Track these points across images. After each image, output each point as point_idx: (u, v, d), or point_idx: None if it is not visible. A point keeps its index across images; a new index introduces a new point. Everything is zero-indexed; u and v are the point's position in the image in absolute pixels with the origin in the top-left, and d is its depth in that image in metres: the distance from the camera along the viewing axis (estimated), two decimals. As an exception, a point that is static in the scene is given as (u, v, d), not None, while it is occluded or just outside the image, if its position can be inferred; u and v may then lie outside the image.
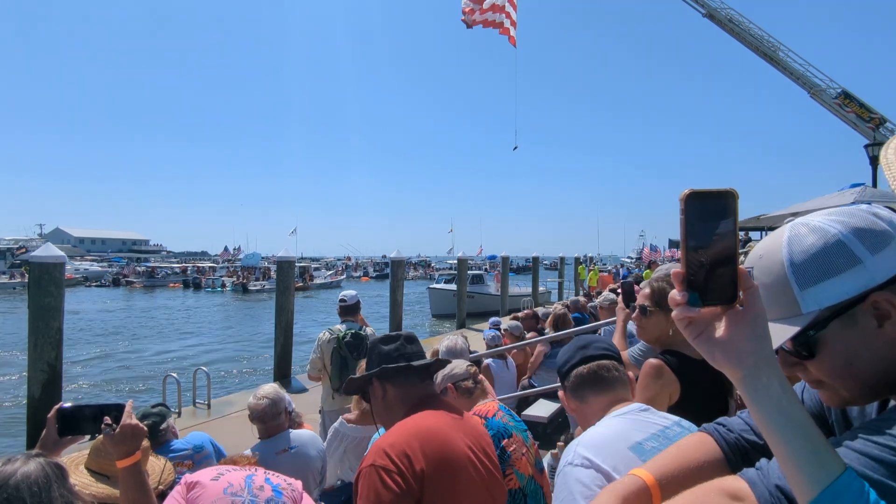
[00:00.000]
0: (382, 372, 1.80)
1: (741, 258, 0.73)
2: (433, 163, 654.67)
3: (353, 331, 4.97)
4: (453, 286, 26.70)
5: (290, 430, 3.05)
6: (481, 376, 2.58)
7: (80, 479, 1.98)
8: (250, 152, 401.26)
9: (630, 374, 1.71)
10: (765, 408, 0.70)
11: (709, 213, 0.71)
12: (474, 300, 24.36)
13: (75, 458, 2.09)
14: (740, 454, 1.02)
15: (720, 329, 0.73)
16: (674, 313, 0.74)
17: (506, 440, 2.14)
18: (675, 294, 0.73)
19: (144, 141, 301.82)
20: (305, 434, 3.12)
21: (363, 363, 3.43)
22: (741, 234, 22.75)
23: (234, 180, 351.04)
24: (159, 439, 2.92)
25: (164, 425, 2.97)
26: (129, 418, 1.69)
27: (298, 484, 1.92)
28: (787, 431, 0.68)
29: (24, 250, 51.87)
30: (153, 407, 3.08)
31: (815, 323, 0.77)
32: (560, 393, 1.70)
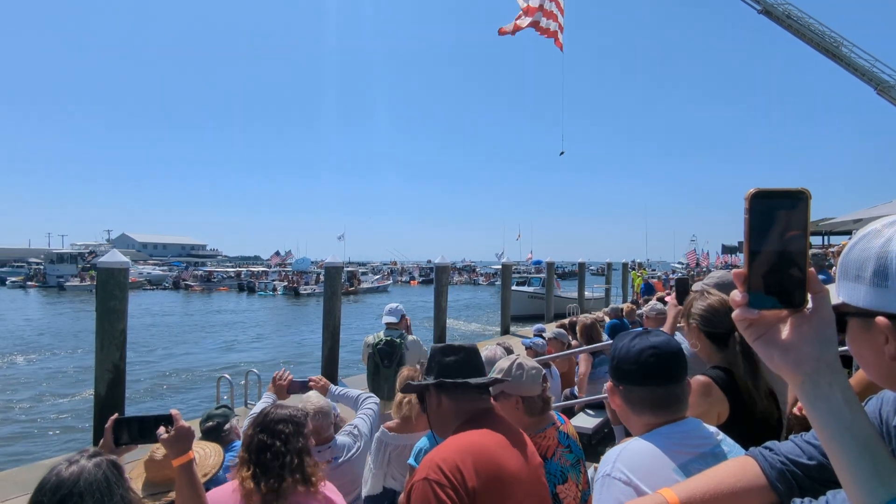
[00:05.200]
0: (440, 384, 1.80)
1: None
2: (480, 167, 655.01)
3: (388, 338, 5.05)
4: (526, 288, 27.68)
5: (336, 437, 3.11)
6: (548, 393, 2.47)
7: None
8: (297, 159, 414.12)
9: None
10: (823, 415, 0.68)
11: (777, 214, 0.68)
12: (544, 301, 25.02)
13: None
14: (786, 480, 0.99)
15: (783, 332, 0.71)
16: (734, 314, 0.73)
17: (560, 486, 2.10)
18: (735, 294, 0.72)
19: (201, 152, 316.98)
20: (347, 441, 3.17)
21: (405, 370, 3.49)
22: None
23: (284, 187, 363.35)
24: (224, 439, 3.08)
25: (227, 426, 3.13)
26: (181, 422, 1.86)
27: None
28: (846, 442, 0.66)
29: (93, 255, 55.28)
30: (217, 409, 3.26)
31: (839, 310, 0.76)
32: (608, 385, 1.58)
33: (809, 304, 0.70)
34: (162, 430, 1.83)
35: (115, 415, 1.92)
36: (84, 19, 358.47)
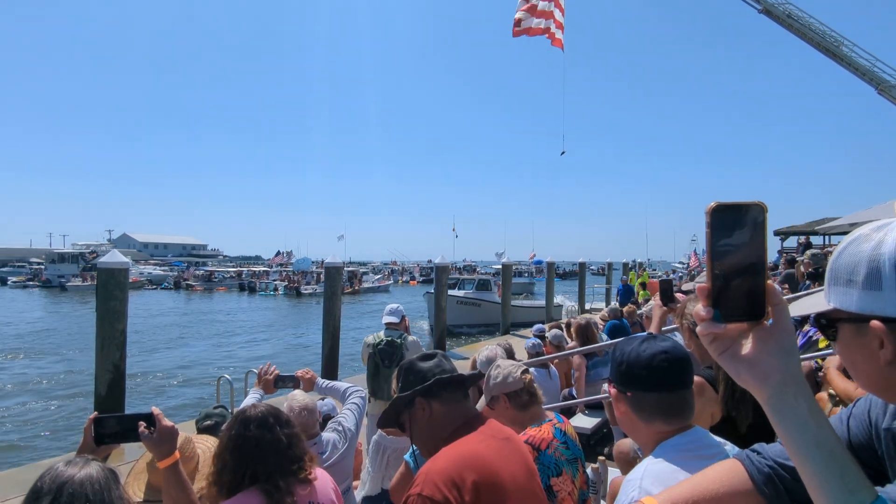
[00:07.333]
0: (435, 384, 1.70)
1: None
2: (480, 168, 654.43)
3: (389, 338, 5.07)
4: (457, 292, 22.34)
5: (322, 433, 3.11)
6: (535, 384, 2.46)
7: None
8: (299, 159, 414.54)
9: None
10: (791, 429, 0.69)
11: (736, 227, 0.70)
12: (480, 308, 21.66)
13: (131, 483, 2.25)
14: (773, 484, 0.98)
15: (747, 346, 0.72)
16: (698, 328, 0.74)
17: (554, 479, 2.10)
18: (699, 309, 0.73)
19: (202, 152, 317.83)
20: (332, 437, 3.18)
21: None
22: (800, 238, 21.61)
23: (284, 187, 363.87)
24: None
25: (224, 426, 3.13)
26: (163, 421, 1.81)
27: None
28: (813, 454, 0.67)
29: (94, 255, 55.30)
30: (214, 408, 3.25)
31: (830, 316, 0.77)
32: (611, 390, 1.52)
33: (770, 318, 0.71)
34: (144, 429, 1.77)
35: (94, 413, 1.84)
36: (84, 22, 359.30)
